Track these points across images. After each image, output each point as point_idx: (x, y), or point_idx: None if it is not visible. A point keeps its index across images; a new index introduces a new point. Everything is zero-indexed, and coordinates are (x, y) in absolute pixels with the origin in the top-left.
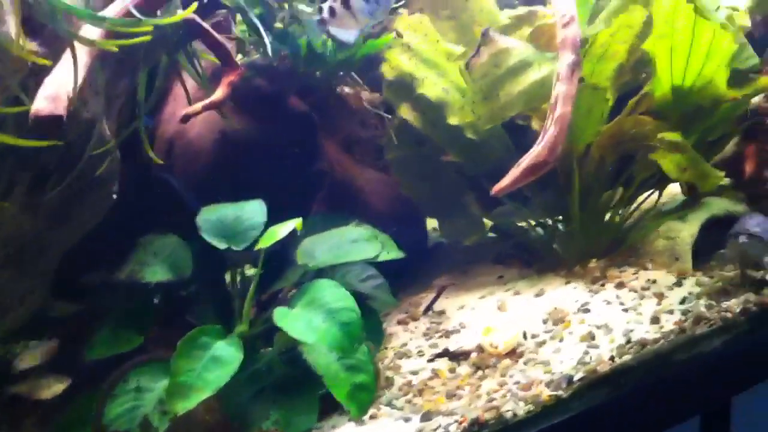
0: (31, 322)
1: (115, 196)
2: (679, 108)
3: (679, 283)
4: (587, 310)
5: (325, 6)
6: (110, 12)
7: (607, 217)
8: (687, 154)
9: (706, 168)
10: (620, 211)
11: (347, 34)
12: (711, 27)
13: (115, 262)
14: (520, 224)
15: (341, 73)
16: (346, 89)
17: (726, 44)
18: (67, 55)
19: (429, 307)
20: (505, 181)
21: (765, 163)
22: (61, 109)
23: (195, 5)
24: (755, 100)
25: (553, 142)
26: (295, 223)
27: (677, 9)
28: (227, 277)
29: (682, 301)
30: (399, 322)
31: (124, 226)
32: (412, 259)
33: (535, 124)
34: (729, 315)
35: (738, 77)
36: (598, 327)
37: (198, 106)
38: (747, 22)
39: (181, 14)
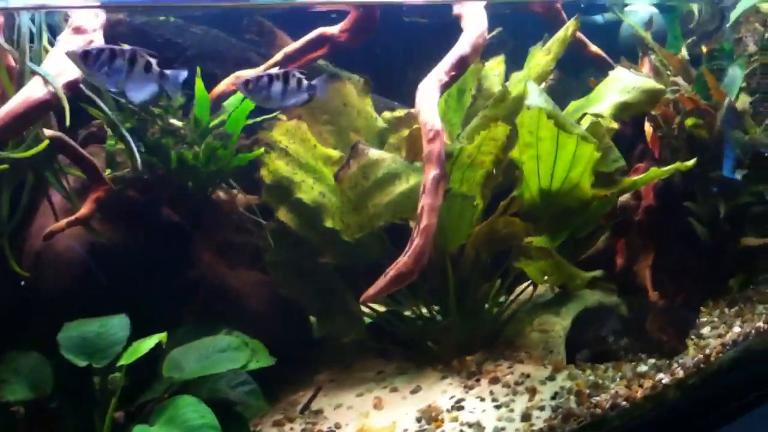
0: None
1: None
2: (548, 209)
3: (552, 377)
4: (461, 408)
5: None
6: None
7: (486, 308)
8: (552, 260)
9: (572, 271)
10: (500, 301)
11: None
12: (574, 137)
13: None
14: (405, 314)
15: (217, 180)
16: (221, 195)
17: (589, 152)
18: None
19: (305, 407)
20: (373, 290)
21: (634, 257)
22: None
23: (47, 142)
24: (623, 198)
25: (419, 253)
26: (159, 338)
27: (541, 121)
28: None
29: (554, 396)
30: (275, 424)
31: None
32: (295, 356)
33: (412, 224)
34: (599, 411)
35: (606, 178)
36: (470, 425)
37: (62, 223)
38: (614, 124)
39: (39, 147)
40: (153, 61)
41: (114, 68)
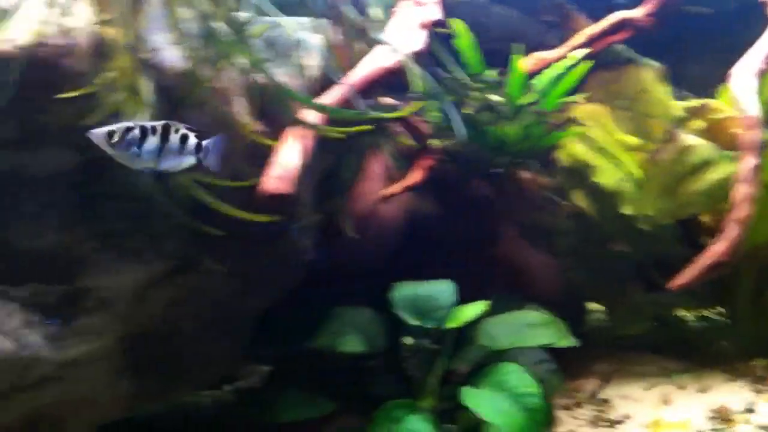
0: None
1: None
2: None
3: None
4: (752, 410)
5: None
6: (328, 99)
7: None
8: None
9: None
10: None
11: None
12: None
13: (298, 330)
14: (681, 314)
15: (523, 159)
16: (525, 174)
17: None
18: (288, 137)
19: (594, 394)
20: (684, 278)
21: None
22: (288, 188)
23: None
24: None
25: (736, 243)
26: (483, 306)
27: None
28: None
29: None
30: (563, 407)
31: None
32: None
33: (704, 219)
34: None
35: None
36: (764, 429)
37: (397, 187)
38: None
39: (400, 112)
40: (190, 134)
41: (145, 148)
